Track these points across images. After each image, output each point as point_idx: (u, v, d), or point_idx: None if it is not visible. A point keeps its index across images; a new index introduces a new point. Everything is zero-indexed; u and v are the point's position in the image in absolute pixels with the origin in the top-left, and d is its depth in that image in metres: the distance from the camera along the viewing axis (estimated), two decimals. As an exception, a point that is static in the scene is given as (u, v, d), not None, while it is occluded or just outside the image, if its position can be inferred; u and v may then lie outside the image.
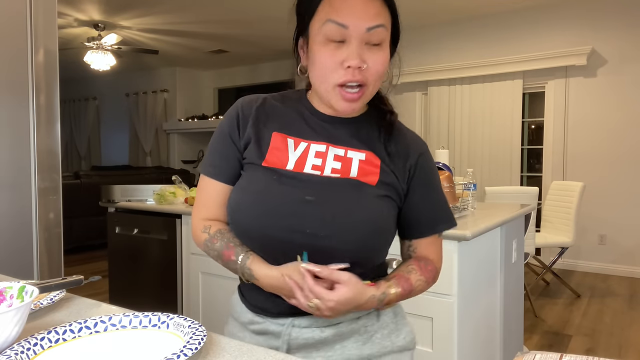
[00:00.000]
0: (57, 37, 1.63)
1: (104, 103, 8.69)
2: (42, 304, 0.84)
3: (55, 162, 1.64)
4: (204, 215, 0.92)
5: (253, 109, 0.93)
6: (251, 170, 0.88)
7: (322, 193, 0.83)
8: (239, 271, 0.86)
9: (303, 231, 0.81)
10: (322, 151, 0.87)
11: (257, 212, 0.83)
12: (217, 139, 0.93)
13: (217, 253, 0.88)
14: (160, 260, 2.55)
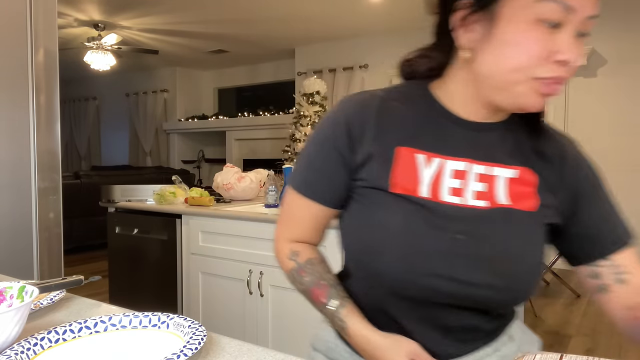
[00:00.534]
0: (57, 37, 1.63)
1: (104, 103, 8.69)
2: (42, 304, 0.84)
3: (55, 162, 1.64)
4: (292, 236, 0.79)
5: (371, 114, 0.72)
6: (374, 197, 0.70)
7: (472, 229, 0.67)
8: (327, 316, 0.75)
9: (450, 277, 0.66)
10: (461, 169, 0.69)
11: (395, 254, 0.67)
12: (317, 150, 0.75)
13: (304, 288, 0.76)
14: (160, 260, 2.55)
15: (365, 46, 5.71)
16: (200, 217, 2.36)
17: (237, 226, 2.23)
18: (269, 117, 6.67)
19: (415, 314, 0.71)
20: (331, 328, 0.85)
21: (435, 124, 0.72)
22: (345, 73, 5.77)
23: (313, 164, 0.75)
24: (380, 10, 4.76)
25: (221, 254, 2.30)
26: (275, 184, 2.54)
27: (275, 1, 4.51)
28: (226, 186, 2.69)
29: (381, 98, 0.74)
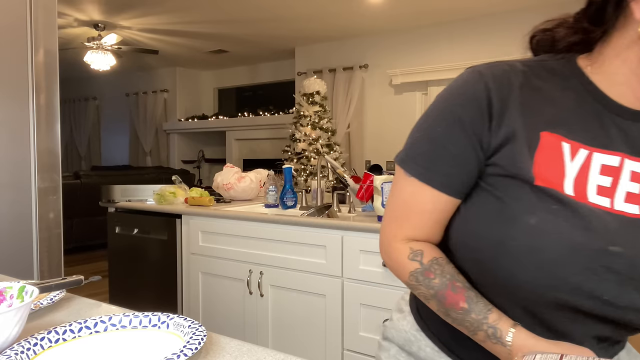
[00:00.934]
0: (57, 37, 1.63)
1: (104, 103, 8.69)
2: (42, 304, 0.84)
3: (55, 162, 1.64)
4: (409, 234, 0.66)
5: (514, 90, 0.60)
6: (512, 189, 0.59)
7: (629, 240, 0.55)
8: (470, 324, 0.60)
9: (596, 296, 0.55)
10: (614, 165, 0.58)
11: (536, 263, 0.56)
12: (446, 130, 0.62)
13: (433, 292, 0.63)
14: (160, 260, 2.55)
15: (365, 46, 5.71)
16: (200, 217, 2.36)
17: (237, 226, 2.23)
18: (269, 117, 6.67)
19: (539, 325, 0.61)
20: (410, 318, 0.75)
21: (587, 109, 0.60)
22: (345, 73, 5.77)
23: (441, 147, 0.62)
24: (380, 10, 4.76)
25: (221, 254, 2.30)
26: (275, 184, 2.54)
27: (275, 1, 4.51)
28: (226, 186, 2.69)
29: (523, 72, 0.62)
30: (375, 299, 1.85)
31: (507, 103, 0.60)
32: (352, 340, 1.93)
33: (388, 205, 0.70)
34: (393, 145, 5.57)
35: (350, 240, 1.90)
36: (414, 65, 5.34)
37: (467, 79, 0.63)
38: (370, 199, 1.99)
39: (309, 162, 5.10)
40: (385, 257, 0.71)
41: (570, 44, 0.64)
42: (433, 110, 0.65)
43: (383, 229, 0.70)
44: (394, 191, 0.69)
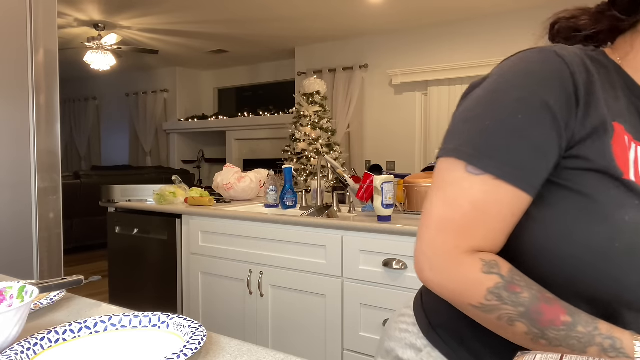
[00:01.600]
0: (57, 37, 1.63)
1: (104, 103, 8.69)
2: (42, 304, 0.84)
3: (55, 162, 1.64)
4: (474, 244, 0.55)
5: (592, 72, 0.55)
6: (600, 183, 0.53)
7: None
8: (579, 340, 0.51)
9: None
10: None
11: (636, 263, 0.51)
12: (524, 114, 0.53)
13: (523, 310, 0.51)
14: (160, 260, 2.55)
15: (365, 46, 5.71)
16: (200, 217, 2.36)
17: (237, 226, 2.23)
18: (269, 117, 6.67)
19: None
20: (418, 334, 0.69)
21: (629, 102, 0.57)
22: (345, 73, 5.77)
23: (523, 137, 0.53)
24: (380, 10, 4.76)
25: (221, 254, 2.30)
26: (275, 184, 2.54)
27: (275, 1, 4.51)
28: (226, 186, 2.69)
29: (580, 57, 0.56)
30: (375, 299, 1.85)
31: (592, 89, 0.54)
32: (352, 340, 1.93)
33: (438, 212, 0.57)
34: (393, 145, 5.57)
35: (350, 240, 1.90)
36: (414, 65, 5.34)
37: (546, 59, 0.56)
38: (370, 199, 1.99)
39: (309, 162, 5.10)
40: (438, 278, 0.56)
41: (592, 34, 0.62)
42: (504, 95, 0.55)
43: (430, 242, 0.57)
44: (450, 194, 0.56)
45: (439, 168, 0.59)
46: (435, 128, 5.25)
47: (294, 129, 5.21)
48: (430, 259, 0.57)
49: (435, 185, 0.59)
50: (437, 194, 0.58)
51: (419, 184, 1.92)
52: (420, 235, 0.58)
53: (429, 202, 0.59)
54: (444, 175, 0.58)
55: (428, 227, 0.57)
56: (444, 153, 0.58)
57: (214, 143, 7.77)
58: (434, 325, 0.70)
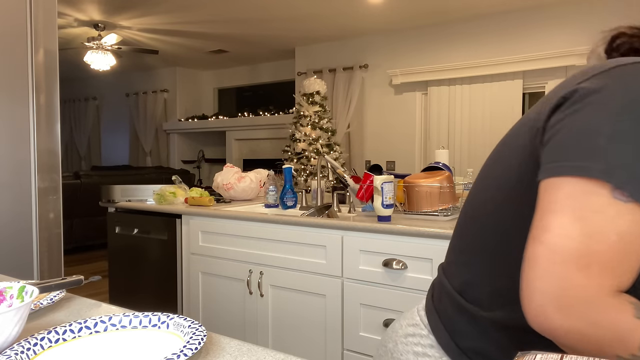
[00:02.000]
0: (57, 37, 1.63)
1: (104, 103, 8.69)
2: (42, 304, 0.84)
3: (55, 162, 1.64)
4: (616, 284, 0.49)
5: None
6: None
7: None
8: None
9: None
10: None
11: None
12: None
13: None
14: (160, 260, 2.55)
15: (365, 46, 5.71)
16: (200, 217, 2.36)
17: (237, 226, 2.23)
18: (269, 117, 6.67)
19: None
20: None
21: None
22: (345, 73, 5.77)
23: None
24: (380, 10, 4.76)
25: (221, 254, 2.30)
26: (275, 184, 2.54)
27: (275, 1, 4.51)
28: (226, 186, 2.69)
29: None
30: (375, 299, 1.85)
31: None
32: (352, 340, 1.93)
33: (575, 244, 0.49)
34: (393, 145, 5.57)
35: (350, 240, 1.90)
36: (414, 65, 5.34)
37: None
38: (370, 199, 1.99)
39: (309, 162, 5.10)
40: (573, 323, 0.48)
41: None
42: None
43: (563, 280, 0.48)
44: (593, 223, 0.49)
45: (570, 190, 0.50)
46: (435, 128, 5.25)
47: (294, 129, 5.22)
48: (562, 300, 0.48)
49: (565, 210, 0.50)
50: (570, 222, 0.49)
51: (419, 184, 1.92)
52: (543, 271, 0.49)
53: (551, 231, 0.50)
54: (581, 199, 0.49)
55: (556, 262, 0.49)
56: (583, 173, 0.50)
57: (214, 143, 7.77)
58: (464, 350, 0.66)
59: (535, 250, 0.51)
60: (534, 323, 0.50)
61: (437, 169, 2.04)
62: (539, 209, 0.53)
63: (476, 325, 0.67)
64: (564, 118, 0.55)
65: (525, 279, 0.51)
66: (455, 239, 0.75)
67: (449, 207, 1.94)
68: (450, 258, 0.75)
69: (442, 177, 1.93)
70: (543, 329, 0.50)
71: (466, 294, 0.69)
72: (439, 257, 1.70)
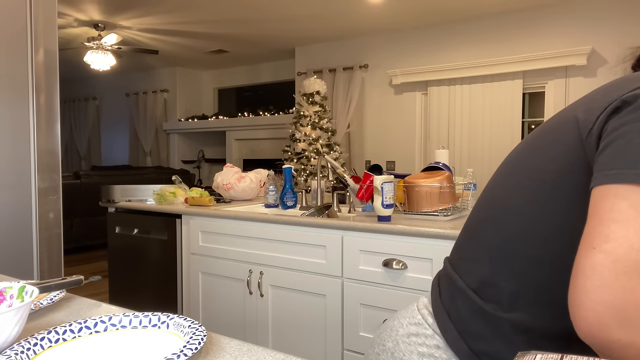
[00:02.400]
0: (57, 37, 1.63)
1: (104, 103, 8.69)
2: (42, 304, 0.84)
3: (55, 162, 1.64)
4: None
5: None
6: None
7: None
8: None
9: None
10: None
11: None
12: None
13: None
14: (160, 260, 2.55)
15: (365, 46, 5.71)
16: (200, 217, 2.36)
17: (237, 226, 2.23)
18: (269, 117, 6.67)
19: None
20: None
21: None
22: (345, 73, 5.77)
23: None
24: (380, 10, 4.76)
25: (221, 254, 2.30)
26: (275, 184, 2.54)
27: (275, 1, 4.51)
28: (226, 186, 2.69)
29: None
30: (375, 299, 1.85)
31: None
32: (352, 340, 1.93)
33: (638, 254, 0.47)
34: (393, 145, 5.57)
35: (350, 240, 1.90)
36: (414, 65, 5.34)
37: None
38: (370, 199, 1.99)
39: (309, 162, 5.10)
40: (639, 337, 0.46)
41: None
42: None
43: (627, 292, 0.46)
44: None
45: (634, 199, 0.49)
46: (435, 128, 5.25)
47: (294, 129, 5.22)
48: (625, 313, 0.46)
49: (629, 219, 0.48)
50: (636, 232, 0.47)
51: (419, 184, 1.92)
52: (604, 281, 0.47)
53: (614, 240, 0.48)
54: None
55: (619, 273, 0.47)
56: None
57: (214, 143, 7.77)
58: (477, 353, 0.65)
59: (594, 260, 0.49)
60: (587, 334, 0.48)
61: (437, 169, 2.04)
62: (597, 216, 0.51)
63: (493, 327, 0.64)
64: (625, 124, 0.53)
65: (581, 288, 0.49)
66: (468, 235, 0.72)
67: (449, 207, 1.94)
68: (461, 254, 0.72)
69: (442, 177, 1.93)
70: (599, 341, 0.48)
71: (483, 293, 0.66)
72: (439, 257, 1.70)
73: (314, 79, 5.22)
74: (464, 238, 0.73)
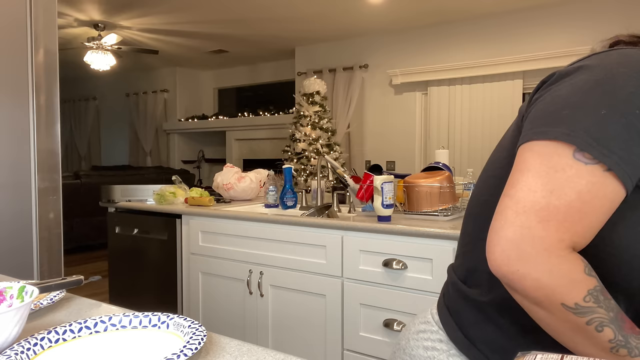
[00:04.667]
0: (57, 37, 1.63)
1: (104, 103, 8.69)
2: (42, 304, 0.84)
3: (55, 162, 1.64)
4: (575, 240, 0.53)
5: None
6: None
7: None
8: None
9: None
10: None
11: None
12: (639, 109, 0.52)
13: (612, 316, 0.51)
14: (160, 260, 2.55)
15: (365, 46, 5.71)
16: (200, 217, 2.36)
17: (237, 226, 2.23)
18: (269, 117, 6.67)
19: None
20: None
21: None
22: (345, 73, 5.77)
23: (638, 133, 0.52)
24: (380, 10, 4.76)
25: (221, 254, 2.30)
26: (275, 184, 2.54)
27: (275, 1, 4.51)
28: (226, 186, 2.69)
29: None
30: (375, 299, 1.85)
31: None
32: (352, 340, 1.93)
33: (538, 198, 0.52)
34: (393, 145, 5.57)
35: (350, 240, 1.90)
36: (414, 65, 5.33)
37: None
38: (370, 199, 1.99)
39: (309, 162, 5.10)
40: (531, 270, 0.52)
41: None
42: (619, 88, 0.53)
43: (526, 231, 0.52)
44: (554, 180, 0.52)
45: (537, 151, 0.55)
46: (435, 128, 5.25)
47: (294, 129, 5.21)
48: (523, 249, 0.52)
49: (530, 168, 0.54)
50: (534, 178, 0.53)
51: (419, 184, 1.92)
52: (507, 220, 0.53)
53: (518, 185, 0.54)
54: (545, 159, 0.53)
55: (519, 212, 0.53)
56: (549, 136, 0.54)
57: (214, 143, 7.77)
58: (473, 340, 0.67)
59: (503, 202, 0.56)
60: (494, 267, 0.55)
61: (437, 169, 2.04)
62: (512, 170, 0.57)
63: (481, 312, 0.67)
64: (539, 96, 0.60)
65: (492, 227, 0.55)
66: (460, 235, 0.78)
67: (449, 207, 1.94)
68: (457, 254, 0.78)
69: (442, 177, 1.93)
70: (503, 273, 0.54)
71: (469, 281, 0.71)
72: (439, 257, 1.70)
73: (314, 79, 5.22)
74: (459, 238, 0.80)
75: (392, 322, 1.81)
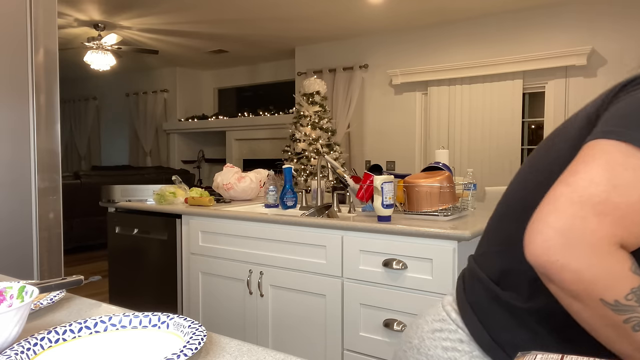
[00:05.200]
0: (57, 37, 1.63)
1: (104, 103, 8.69)
2: (42, 304, 0.84)
3: (55, 162, 1.64)
4: (627, 239, 0.52)
5: None
6: None
7: None
8: None
9: None
10: None
11: None
12: None
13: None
14: (160, 260, 2.55)
15: (365, 46, 5.71)
16: (200, 217, 2.36)
17: (237, 226, 2.23)
18: (269, 117, 6.67)
19: None
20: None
21: None
22: (345, 73, 5.77)
23: None
24: (380, 10, 4.76)
25: (221, 254, 2.30)
26: (275, 184, 2.54)
27: (275, 1, 4.51)
28: (226, 186, 2.69)
29: None
30: (375, 299, 1.85)
31: None
32: (352, 340, 1.93)
33: (599, 192, 0.51)
34: (393, 145, 5.57)
35: (350, 240, 1.90)
36: (414, 65, 5.33)
37: None
38: (370, 199, 1.99)
39: (309, 162, 5.10)
40: (575, 261, 0.50)
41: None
42: None
43: (578, 221, 0.51)
44: (622, 178, 0.51)
45: (607, 148, 0.53)
46: (435, 128, 5.25)
47: (294, 129, 5.21)
48: (569, 238, 0.50)
49: (597, 161, 0.53)
50: (599, 170, 0.52)
51: (419, 184, 1.92)
52: (558, 208, 0.52)
53: (579, 175, 0.53)
54: (615, 156, 0.52)
55: (574, 201, 0.51)
56: (623, 138, 0.53)
57: (214, 143, 7.77)
58: (501, 343, 0.65)
59: (557, 189, 0.53)
60: (531, 254, 0.52)
61: (437, 169, 2.04)
62: (574, 161, 0.55)
63: (514, 317, 0.65)
64: (618, 99, 0.59)
65: (539, 211, 0.53)
66: (490, 231, 0.74)
67: (449, 207, 1.94)
68: (483, 249, 0.74)
69: (442, 177, 1.93)
70: (540, 262, 0.52)
71: (502, 282, 0.67)
72: (439, 257, 1.70)
73: (314, 79, 5.22)
74: (487, 233, 0.75)
75: (392, 322, 1.81)
